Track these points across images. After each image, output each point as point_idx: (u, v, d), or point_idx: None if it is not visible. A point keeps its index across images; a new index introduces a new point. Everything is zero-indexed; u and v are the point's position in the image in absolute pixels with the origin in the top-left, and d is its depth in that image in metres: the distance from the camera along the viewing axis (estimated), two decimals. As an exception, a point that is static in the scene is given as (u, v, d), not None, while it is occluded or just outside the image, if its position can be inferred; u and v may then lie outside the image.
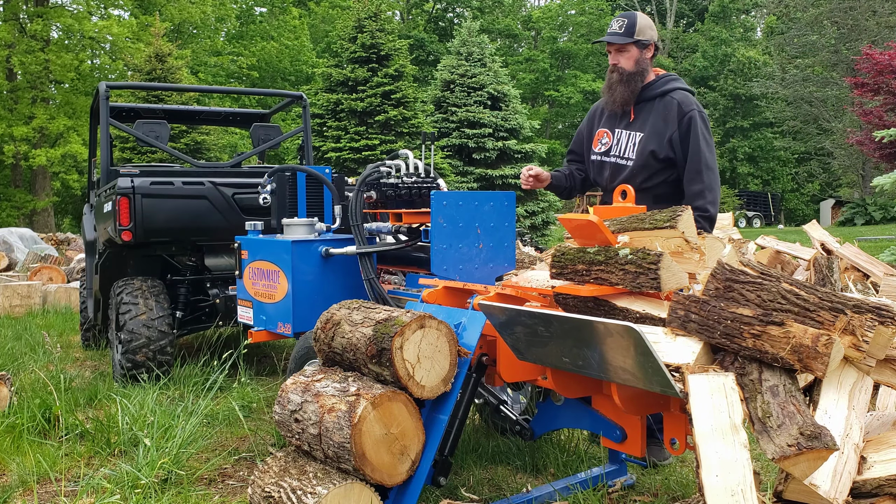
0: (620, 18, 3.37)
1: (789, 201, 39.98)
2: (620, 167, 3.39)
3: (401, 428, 2.39)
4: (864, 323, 1.89)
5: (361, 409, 2.32)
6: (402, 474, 2.41)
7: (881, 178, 6.58)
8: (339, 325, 2.65)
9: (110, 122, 5.54)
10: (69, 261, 12.53)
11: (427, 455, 2.45)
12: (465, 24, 22.04)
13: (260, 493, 2.50)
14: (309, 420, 2.48)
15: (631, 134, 3.37)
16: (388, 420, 2.37)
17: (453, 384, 2.51)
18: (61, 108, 25.40)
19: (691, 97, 3.35)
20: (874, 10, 28.46)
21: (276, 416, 2.65)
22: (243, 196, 5.16)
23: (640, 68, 3.33)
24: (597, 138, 3.53)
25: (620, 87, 3.33)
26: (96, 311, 5.82)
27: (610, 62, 3.37)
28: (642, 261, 2.20)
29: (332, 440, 2.37)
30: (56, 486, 3.17)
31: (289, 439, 2.62)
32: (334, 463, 2.41)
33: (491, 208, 3.20)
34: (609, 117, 3.49)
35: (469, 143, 19.64)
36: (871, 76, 16.42)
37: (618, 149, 3.40)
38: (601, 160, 3.48)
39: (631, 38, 3.31)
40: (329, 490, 2.29)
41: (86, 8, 26.48)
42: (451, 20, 43.22)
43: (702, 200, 3.20)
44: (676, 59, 41.65)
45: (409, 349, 2.41)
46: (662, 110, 3.31)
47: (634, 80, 3.33)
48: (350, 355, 2.57)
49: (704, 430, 1.78)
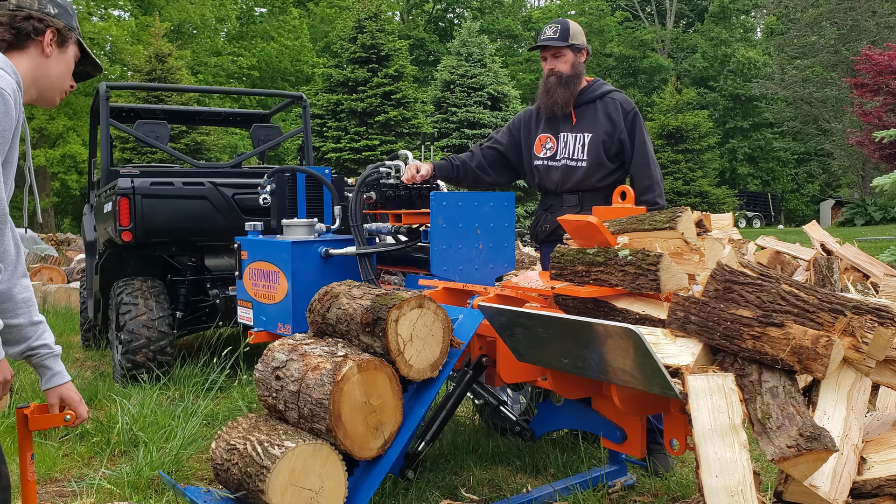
0: (553, 25, 3.51)
1: (789, 202, 39.98)
2: (572, 169, 3.46)
3: (381, 401, 2.36)
4: (863, 324, 1.90)
5: (347, 368, 2.30)
6: (373, 450, 2.37)
7: (881, 179, 6.57)
8: (337, 298, 2.64)
9: (110, 122, 5.54)
10: (69, 261, 12.52)
11: (400, 439, 2.43)
12: (465, 24, 22.04)
13: (224, 446, 2.44)
14: (291, 377, 2.44)
15: (578, 136, 3.47)
16: (371, 389, 2.34)
17: (440, 373, 2.51)
18: (61, 108, 25.36)
19: (628, 97, 3.54)
20: (874, 11, 28.45)
21: (258, 373, 2.61)
22: (243, 196, 5.16)
23: (576, 71, 3.48)
24: (539, 143, 3.57)
25: (560, 89, 3.44)
26: (96, 311, 5.82)
27: (546, 67, 3.51)
28: (642, 262, 2.21)
29: (311, 396, 2.32)
30: (56, 487, 3.17)
31: (264, 399, 2.58)
32: (307, 423, 2.37)
33: (490, 209, 3.20)
34: (549, 122, 3.56)
35: (469, 144, 19.60)
36: (870, 77, 16.42)
37: (566, 151, 3.48)
38: (547, 164, 3.53)
39: (566, 43, 3.45)
40: (298, 444, 2.25)
41: (86, 9, 26.47)
42: (451, 20, 43.22)
43: (651, 194, 3.37)
44: (676, 60, 41.64)
45: (403, 324, 2.41)
46: (605, 111, 3.45)
47: (572, 82, 3.46)
48: (343, 326, 2.55)
49: (704, 431, 1.78)
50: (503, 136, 3.72)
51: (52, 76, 1.90)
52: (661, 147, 27.04)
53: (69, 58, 1.94)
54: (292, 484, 2.22)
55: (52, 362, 1.87)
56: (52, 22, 1.87)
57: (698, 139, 28.26)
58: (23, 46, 1.84)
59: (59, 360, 1.90)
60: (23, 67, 1.82)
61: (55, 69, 1.90)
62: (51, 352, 1.87)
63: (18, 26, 1.82)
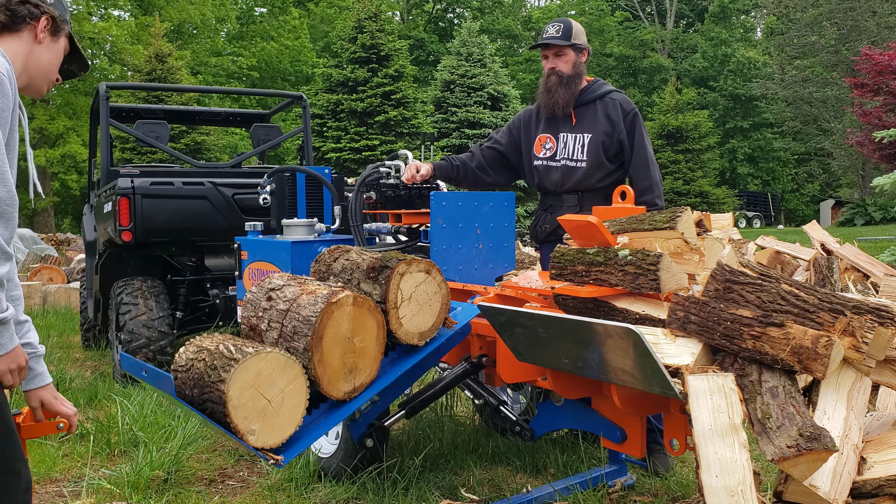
0: (556, 24, 3.48)
1: (789, 202, 39.97)
2: (572, 169, 3.45)
3: (363, 345, 2.36)
4: (863, 324, 1.89)
5: (343, 295, 2.29)
6: (339, 392, 2.34)
7: (881, 179, 6.57)
8: (347, 252, 2.67)
9: (110, 122, 5.54)
10: (69, 261, 12.53)
11: (368, 393, 2.43)
12: (465, 24, 22.05)
13: (193, 349, 2.34)
14: (283, 298, 2.41)
15: (577, 136, 3.45)
16: (358, 327, 2.33)
17: (425, 347, 2.52)
18: (61, 108, 25.39)
19: (628, 98, 3.52)
20: (874, 11, 28.45)
21: (249, 295, 2.57)
22: (243, 196, 5.16)
23: (577, 71, 3.46)
24: (539, 144, 3.56)
25: (561, 89, 3.42)
26: (96, 311, 5.82)
27: (547, 66, 3.49)
28: (641, 262, 2.20)
29: (300, 314, 2.30)
30: (56, 487, 3.17)
31: (246, 320, 2.52)
32: (286, 343, 2.33)
33: (490, 209, 3.19)
34: (548, 122, 3.55)
35: (469, 144, 19.59)
36: (870, 77, 16.40)
37: (565, 152, 3.47)
38: (547, 165, 3.52)
39: (568, 42, 3.43)
40: (273, 350, 2.19)
41: (86, 9, 26.47)
42: (451, 20, 43.21)
43: (651, 195, 3.36)
44: (676, 60, 41.63)
45: (407, 282, 2.42)
46: (605, 111, 3.43)
47: (573, 82, 3.44)
48: (346, 275, 2.55)
49: (704, 431, 1.78)
50: (503, 136, 3.72)
51: (42, 63, 1.90)
52: (661, 147, 27.04)
53: (60, 48, 1.95)
54: (254, 386, 2.14)
55: (35, 363, 1.84)
56: (47, 9, 1.89)
57: (698, 139, 28.26)
58: (17, 30, 1.84)
59: (42, 361, 1.87)
60: (14, 51, 1.83)
61: (46, 56, 1.91)
62: (35, 351, 1.84)
63: (14, 9, 1.84)
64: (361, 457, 2.98)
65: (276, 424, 2.19)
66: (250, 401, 2.14)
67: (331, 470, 3.07)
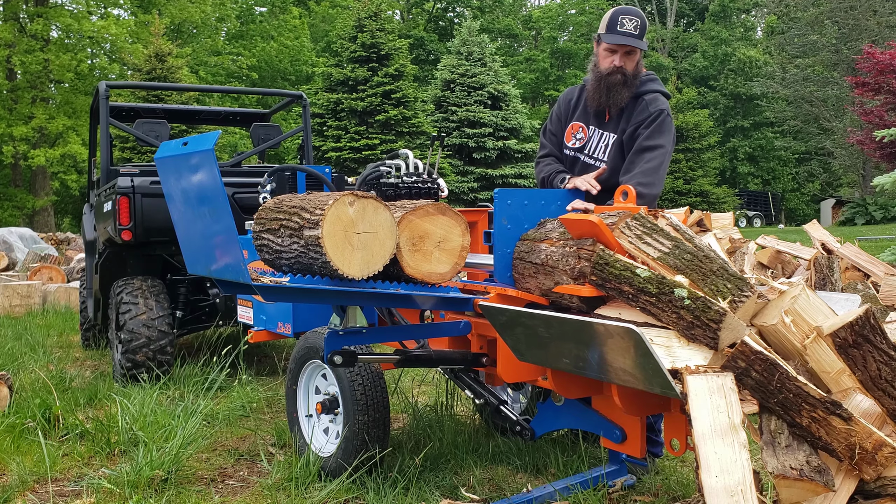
0: (633, 17, 3.14)
1: (790, 201, 39.97)
2: (589, 167, 3.28)
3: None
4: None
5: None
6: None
7: (882, 178, 6.56)
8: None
9: (110, 121, 5.54)
10: (69, 261, 12.52)
11: (370, 283, 2.55)
12: (465, 23, 22.03)
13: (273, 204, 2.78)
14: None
15: (604, 134, 3.28)
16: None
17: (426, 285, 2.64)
18: (61, 107, 25.39)
19: (661, 98, 3.22)
20: (875, 10, 28.44)
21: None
22: (243, 196, 5.16)
23: (638, 70, 3.22)
24: (570, 132, 3.40)
25: (624, 90, 3.17)
26: (96, 310, 5.81)
27: (612, 63, 3.15)
28: (702, 314, 2.00)
29: None
30: (56, 486, 3.17)
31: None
32: None
33: (558, 207, 2.88)
34: (583, 111, 3.35)
35: (469, 143, 19.60)
36: (871, 76, 16.40)
37: (590, 147, 3.31)
38: (574, 156, 3.37)
39: (643, 42, 3.19)
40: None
41: (85, 7, 26.48)
42: (451, 20, 43.21)
43: (634, 180, 3.00)
44: (676, 59, 41.62)
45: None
46: (634, 112, 3.20)
47: (634, 83, 3.20)
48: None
49: (704, 431, 1.78)
50: (557, 129, 3.46)
51: None
52: (662, 146, 26.99)
53: None
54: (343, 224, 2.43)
55: None
56: None
57: (699, 138, 28.25)
58: None
59: None
60: None
61: None
62: None
63: None
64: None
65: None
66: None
67: (330, 468, 3.07)
